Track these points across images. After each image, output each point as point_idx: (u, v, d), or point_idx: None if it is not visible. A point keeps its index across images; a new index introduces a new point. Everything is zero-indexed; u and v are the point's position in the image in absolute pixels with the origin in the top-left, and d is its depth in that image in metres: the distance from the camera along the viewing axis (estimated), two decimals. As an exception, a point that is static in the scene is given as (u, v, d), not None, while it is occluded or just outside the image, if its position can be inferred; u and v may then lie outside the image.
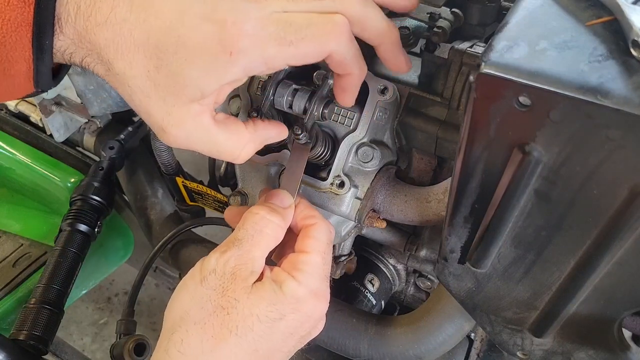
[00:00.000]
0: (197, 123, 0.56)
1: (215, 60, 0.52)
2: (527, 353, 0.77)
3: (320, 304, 0.64)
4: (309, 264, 0.64)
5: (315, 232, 0.67)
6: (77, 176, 1.34)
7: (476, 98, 0.47)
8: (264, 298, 0.60)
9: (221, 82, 0.54)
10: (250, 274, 0.61)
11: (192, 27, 0.52)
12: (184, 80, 0.53)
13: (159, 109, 0.55)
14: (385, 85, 0.76)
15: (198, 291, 0.61)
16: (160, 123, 0.56)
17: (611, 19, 0.46)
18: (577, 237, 0.54)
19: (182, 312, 0.61)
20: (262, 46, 0.52)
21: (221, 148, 0.60)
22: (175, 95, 0.54)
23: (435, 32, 0.79)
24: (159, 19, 0.52)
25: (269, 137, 0.66)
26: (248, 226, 0.64)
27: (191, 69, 0.53)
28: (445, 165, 0.91)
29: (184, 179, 1.18)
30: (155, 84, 0.54)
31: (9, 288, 1.23)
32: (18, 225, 1.40)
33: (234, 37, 0.51)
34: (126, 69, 0.54)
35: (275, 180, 0.89)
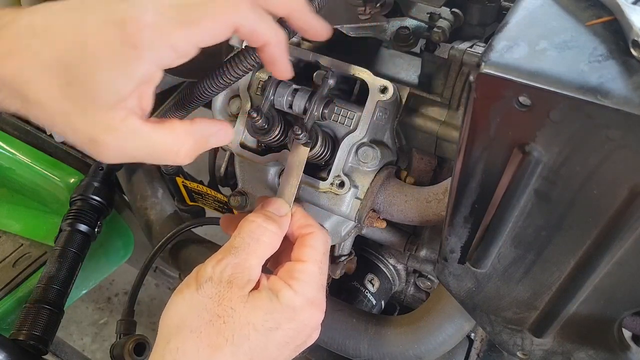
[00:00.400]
0: (126, 127, 0.54)
1: (122, 59, 0.51)
2: (527, 353, 0.77)
3: (316, 313, 0.64)
4: (305, 273, 0.63)
5: (312, 241, 0.66)
6: (77, 176, 1.34)
7: (476, 98, 0.47)
8: (261, 307, 0.60)
9: (135, 80, 0.52)
10: (247, 282, 0.61)
11: (93, 34, 0.51)
12: (97, 87, 0.52)
13: (83, 124, 0.53)
14: (385, 85, 0.76)
15: (194, 299, 0.60)
16: (89, 136, 0.54)
17: (611, 19, 0.46)
18: (577, 237, 0.54)
19: (178, 320, 0.60)
20: (166, 34, 0.51)
21: (158, 148, 0.57)
22: (93, 104, 0.52)
23: (435, 32, 0.79)
24: (61, 36, 0.52)
25: (209, 133, 0.61)
26: (244, 234, 0.63)
27: (101, 74, 0.51)
28: (445, 165, 0.91)
29: (184, 179, 1.18)
30: (72, 100, 0.52)
31: (9, 288, 1.23)
32: (18, 225, 1.40)
33: (135, 32, 0.51)
34: (41, 94, 0.52)
35: (275, 181, 0.89)
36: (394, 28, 0.83)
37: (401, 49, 0.85)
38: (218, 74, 0.62)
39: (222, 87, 0.63)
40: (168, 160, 0.58)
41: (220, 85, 0.63)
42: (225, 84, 0.63)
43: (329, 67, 0.79)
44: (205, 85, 0.63)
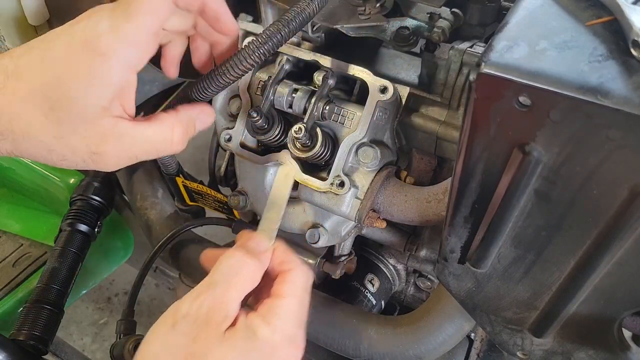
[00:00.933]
0: (119, 132, 0.57)
1: (95, 71, 0.54)
2: (527, 353, 0.77)
3: (294, 352, 0.62)
4: (284, 309, 0.61)
5: (293, 277, 0.65)
6: (77, 176, 1.34)
7: (476, 98, 0.47)
8: (236, 348, 0.59)
9: (112, 86, 0.55)
10: (224, 318, 0.59)
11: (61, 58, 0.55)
12: (79, 103, 0.55)
13: (79, 141, 0.56)
14: (385, 85, 0.76)
15: (169, 336, 0.59)
16: (88, 150, 0.57)
17: (611, 19, 0.46)
18: (577, 237, 0.54)
19: (152, 358, 0.59)
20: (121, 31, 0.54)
21: (152, 142, 0.60)
22: (82, 121, 0.55)
23: (435, 32, 0.79)
24: (32, 70, 0.55)
25: (193, 117, 0.64)
26: (224, 268, 0.62)
27: (79, 91, 0.54)
28: (445, 165, 0.91)
29: (184, 179, 1.18)
30: (60, 123, 0.55)
31: (9, 288, 1.23)
32: (18, 225, 1.40)
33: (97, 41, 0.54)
34: (28, 128, 0.55)
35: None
36: (394, 28, 0.83)
37: (401, 49, 0.85)
38: (218, 74, 0.62)
39: (222, 86, 0.63)
40: (164, 151, 0.61)
41: (220, 85, 0.63)
42: (225, 83, 0.63)
43: (329, 67, 0.79)
44: (205, 85, 0.63)
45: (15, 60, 0.57)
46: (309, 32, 0.89)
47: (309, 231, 0.85)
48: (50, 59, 0.55)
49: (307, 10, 0.63)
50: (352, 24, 0.80)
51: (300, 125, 0.75)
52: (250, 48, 0.60)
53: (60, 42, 0.56)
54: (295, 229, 0.89)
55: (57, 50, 0.55)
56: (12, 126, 0.56)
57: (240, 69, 0.61)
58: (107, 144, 0.57)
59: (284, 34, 0.61)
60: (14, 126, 0.56)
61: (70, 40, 0.55)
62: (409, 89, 0.81)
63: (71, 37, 0.55)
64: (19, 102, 0.55)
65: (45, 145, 0.57)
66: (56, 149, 0.57)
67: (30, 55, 0.57)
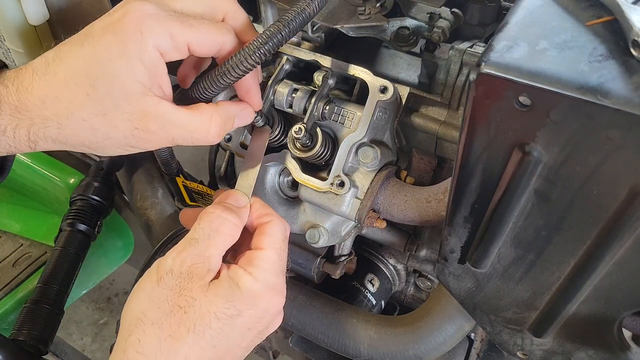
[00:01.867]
0: (161, 112, 0.59)
1: (132, 47, 0.56)
2: (527, 353, 0.77)
3: (276, 299, 0.64)
4: (264, 260, 0.64)
5: (271, 229, 0.67)
6: (77, 176, 1.34)
7: (476, 98, 0.47)
8: (221, 295, 0.61)
9: (143, 61, 0.57)
10: (207, 272, 0.62)
11: (99, 32, 0.58)
12: (121, 80, 0.57)
13: (122, 118, 0.58)
14: (385, 85, 0.76)
15: (155, 291, 0.61)
16: (132, 126, 0.59)
17: (611, 19, 0.46)
18: (577, 237, 0.54)
19: (139, 313, 0.60)
20: (166, 23, 0.58)
21: (191, 128, 0.62)
22: (126, 97, 0.58)
23: (435, 32, 0.79)
24: (72, 55, 0.58)
25: (233, 113, 0.67)
26: (204, 225, 0.64)
27: (120, 67, 0.57)
28: (445, 165, 0.91)
29: (184, 179, 1.18)
30: (103, 101, 0.58)
31: (9, 288, 1.23)
32: (18, 225, 1.41)
33: (139, 19, 0.57)
34: (71, 107, 0.58)
35: (275, 180, 0.90)
36: (394, 28, 0.83)
37: (401, 49, 0.85)
38: (219, 74, 0.62)
39: (223, 87, 0.63)
40: (200, 140, 0.63)
41: (221, 85, 0.63)
42: (225, 83, 0.63)
43: (329, 67, 0.79)
44: (206, 85, 0.63)
45: (56, 50, 0.59)
46: (309, 32, 0.89)
47: (309, 231, 0.85)
48: (89, 39, 0.58)
49: (307, 10, 0.63)
50: (352, 24, 0.80)
51: (300, 125, 0.75)
52: (250, 48, 0.60)
53: (100, 24, 0.59)
54: (295, 229, 0.89)
55: (96, 31, 0.58)
56: (56, 108, 0.58)
57: (241, 69, 0.61)
58: (149, 121, 0.59)
59: (284, 34, 0.61)
60: (58, 108, 0.58)
61: (109, 21, 0.58)
62: (409, 89, 0.81)
63: (110, 18, 0.58)
64: (61, 84, 0.57)
65: (89, 124, 0.59)
66: (100, 127, 0.59)
67: (70, 43, 0.59)
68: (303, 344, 1.13)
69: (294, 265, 0.98)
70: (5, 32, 0.91)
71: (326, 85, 0.76)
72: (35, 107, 0.58)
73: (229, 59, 0.62)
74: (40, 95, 0.58)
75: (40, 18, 0.90)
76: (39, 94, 0.58)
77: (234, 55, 0.61)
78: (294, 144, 0.79)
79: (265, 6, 0.88)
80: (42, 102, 0.58)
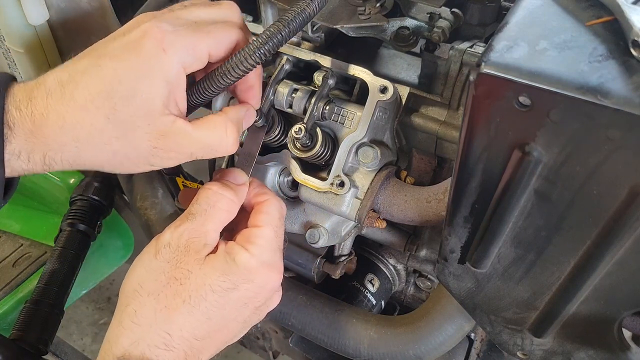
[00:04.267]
0: (178, 130, 0.59)
1: (156, 61, 0.56)
2: (527, 353, 0.77)
3: (273, 275, 0.65)
4: (261, 237, 0.65)
5: (267, 208, 0.68)
6: (77, 176, 1.34)
7: (476, 98, 0.47)
8: (217, 269, 0.61)
9: (168, 80, 0.57)
10: (204, 246, 0.62)
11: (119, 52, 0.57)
12: (141, 100, 0.57)
13: (140, 138, 0.58)
14: (385, 85, 0.76)
15: (152, 264, 0.62)
16: (150, 145, 0.59)
17: (611, 19, 0.46)
18: (577, 237, 0.54)
19: (136, 285, 0.61)
20: (185, 37, 0.58)
21: (209, 141, 0.62)
22: (144, 117, 0.57)
23: (435, 32, 0.79)
24: (88, 71, 0.57)
25: (240, 117, 0.67)
26: (202, 201, 0.65)
27: (144, 84, 0.56)
28: (445, 165, 0.91)
29: (184, 179, 1.18)
30: (122, 123, 0.57)
31: (9, 288, 1.23)
32: (18, 225, 1.40)
33: (161, 37, 0.57)
34: (92, 132, 0.57)
35: (276, 180, 0.89)
36: (394, 28, 0.83)
37: (401, 49, 0.85)
38: (218, 75, 0.62)
39: (223, 87, 0.63)
40: (220, 152, 0.64)
41: (221, 86, 0.63)
42: (225, 84, 0.63)
43: (329, 67, 0.79)
44: (206, 86, 0.63)
45: (69, 70, 0.58)
46: (309, 32, 0.89)
47: (309, 231, 0.85)
48: (108, 59, 0.57)
49: (307, 10, 0.63)
50: (352, 24, 0.80)
51: (300, 126, 0.75)
52: (250, 48, 0.60)
53: (118, 44, 0.58)
54: (295, 229, 0.89)
55: (116, 51, 0.57)
56: (76, 134, 0.57)
57: (241, 69, 0.61)
58: (168, 139, 0.59)
59: (284, 34, 0.61)
60: (78, 133, 0.57)
61: (128, 40, 0.58)
62: (409, 89, 0.81)
63: (127, 38, 0.58)
64: (80, 109, 0.56)
65: (109, 147, 0.58)
66: (119, 149, 0.59)
67: (83, 61, 0.58)
68: (303, 344, 1.13)
69: (294, 265, 0.98)
70: (5, 32, 0.91)
71: (326, 85, 0.76)
72: (52, 134, 0.57)
73: (229, 59, 0.62)
74: (58, 122, 0.57)
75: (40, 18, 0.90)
76: (56, 120, 0.57)
77: (234, 55, 0.61)
78: (294, 144, 0.79)
79: (265, 6, 0.88)
80: (60, 128, 0.57)
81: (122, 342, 0.59)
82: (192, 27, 0.60)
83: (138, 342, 0.59)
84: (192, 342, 0.60)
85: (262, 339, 1.42)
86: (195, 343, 0.61)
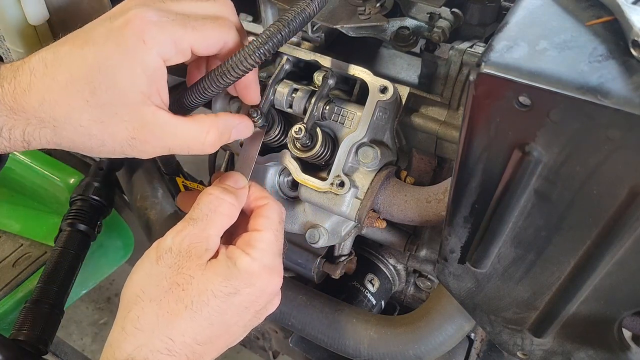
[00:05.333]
0: (158, 120, 0.59)
1: (135, 56, 0.56)
2: (527, 353, 0.77)
3: (273, 279, 0.65)
4: (261, 241, 0.65)
5: (267, 212, 0.68)
6: (77, 176, 1.34)
7: (476, 98, 0.47)
8: (219, 274, 0.61)
9: (146, 71, 0.57)
10: (205, 251, 0.62)
11: (101, 39, 0.57)
12: (121, 87, 0.57)
13: (119, 126, 0.58)
14: (385, 85, 0.76)
15: (154, 269, 0.62)
16: (129, 135, 0.59)
17: (611, 19, 0.46)
18: (577, 237, 0.54)
19: (138, 291, 0.61)
20: (169, 29, 0.58)
21: (187, 138, 0.62)
22: (124, 105, 0.57)
23: (435, 32, 0.79)
24: (72, 58, 0.57)
25: (231, 125, 0.67)
26: (202, 206, 0.65)
27: (121, 74, 0.56)
28: (445, 165, 0.91)
29: (184, 179, 1.18)
30: (101, 108, 0.57)
31: (9, 288, 1.23)
32: (18, 225, 1.40)
33: (142, 28, 0.57)
34: (69, 113, 0.57)
35: (275, 180, 0.89)
36: (394, 28, 0.83)
37: (401, 49, 0.85)
38: (218, 74, 0.62)
39: (223, 87, 0.63)
40: (195, 150, 0.63)
41: (221, 86, 0.63)
42: (225, 84, 0.63)
43: (329, 67, 0.79)
44: (205, 86, 0.63)
45: (54, 50, 0.58)
46: (309, 32, 0.89)
47: (309, 231, 0.85)
48: (91, 45, 0.57)
49: (307, 10, 0.63)
50: (352, 24, 0.80)
51: (300, 126, 0.75)
52: (250, 48, 0.60)
53: (102, 30, 0.58)
54: (295, 229, 0.89)
55: (98, 37, 0.57)
56: (54, 113, 0.57)
57: (240, 69, 0.61)
58: (147, 131, 0.59)
59: (284, 34, 0.61)
60: (56, 112, 0.57)
61: (111, 27, 0.57)
62: (409, 89, 0.81)
63: (111, 25, 0.58)
64: (60, 89, 0.57)
65: (86, 130, 0.58)
66: (96, 134, 0.59)
67: (68, 44, 0.59)
68: (303, 344, 1.13)
69: (294, 265, 0.98)
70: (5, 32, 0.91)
71: (326, 85, 0.76)
72: (32, 109, 0.57)
73: (229, 59, 0.62)
74: (38, 98, 0.57)
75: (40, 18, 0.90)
76: (36, 97, 0.57)
77: (234, 55, 0.61)
78: (294, 144, 0.79)
79: (265, 6, 0.88)
80: (39, 104, 0.57)
81: (125, 348, 0.59)
82: (178, 20, 0.59)
83: (141, 348, 0.59)
84: (194, 347, 0.61)
85: (262, 339, 1.42)
86: (197, 348, 0.61)
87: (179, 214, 1.28)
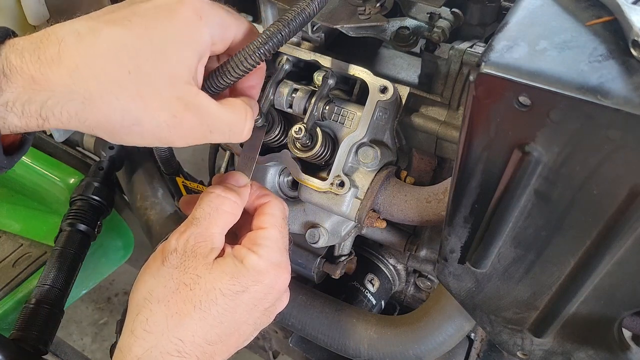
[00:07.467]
0: (200, 103, 0.56)
1: (190, 27, 0.55)
2: (527, 353, 0.77)
3: (281, 275, 0.65)
4: (267, 239, 0.65)
5: (270, 209, 0.68)
6: (77, 176, 1.34)
7: (476, 98, 0.47)
8: (226, 272, 0.61)
9: (199, 51, 0.56)
10: (211, 250, 0.62)
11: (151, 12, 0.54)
12: (170, 63, 0.54)
13: (158, 104, 0.54)
14: (385, 85, 0.76)
15: (160, 271, 0.61)
16: (170, 113, 0.54)
17: (611, 19, 0.46)
18: (577, 237, 0.54)
19: (146, 293, 0.61)
20: (222, 13, 0.58)
21: (228, 121, 0.60)
22: (169, 81, 0.54)
23: (435, 32, 0.79)
24: (114, 24, 0.53)
25: (253, 105, 0.66)
26: (205, 205, 0.64)
27: (174, 48, 0.54)
28: (445, 165, 0.91)
29: (184, 179, 1.18)
30: (144, 83, 0.53)
31: (9, 288, 1.23)
32: (18, 225, 1.40)
33: (197, 4, 0.55)
34: (108, 85, 0.52)
35: (275, 180, 0.90)
36: (394, 28, 0.83)
37: (401, 49, 0.85)
38: (218, 75, 0.62)
39: (223, 87, 0.63)
40: (234, 136, 0.61)
41: (221, 86, 0.63)
42: (225, 84, 0.63)
43: (329, 67, 0.79)
44: (205, 86, 0.63)
45: (92, 21, 0.54)
46: (309, 32, 0.89)
47: (309, 231, 0.85)
48: (138, 19, 0.53)
49: (307, 10, 0.63)
50: (352, 24, 0.80)
51: (300, 125, 0.75)
52: (250, 48, 0.60)
53: (149, 5, 0.55)
54: (295, 229, 0.89)
55: (147, 11, 0.54)
56: (88, 84, 0.51)
57: (240, 69, 0.61)
58: (188, 111, 0.55)
59: (284, 34, 0.61)
60: (90, 84, 0.51)
61: (161, 3, 0.55)
62: (409, 89, 0.81)
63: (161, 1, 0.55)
64: (100, 57, 0.52)
65: (121, 104, 0.53)
66: (132, 110, 0.53)
67: (110, 14, 0.55)
68: (303, 344, 1.13)
69: (294, 265, 0.98)
70: (5, 32, 0.91)
71: (326, 85, 0.76)
72: (60, 79, 0.51)
73: (229, 59, 0.62)
74: (70, 67, 0.51)
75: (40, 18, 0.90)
76: (68, 66, 0.51)
77: (234, 55, 0.61)
78: (294, 144, 0.79)
79: (265, 6, 0.88)
80: (70, 75, 0.51)
81: (135, 351, 0.58)
82: (226, 9, 0.59)
83: (151, 350, 0.58)
84: (204, 347, 0.60)
85: (262, 339, 1.42)
86: (207, 348, 0.60)
87: (179, 214, 1.28)
